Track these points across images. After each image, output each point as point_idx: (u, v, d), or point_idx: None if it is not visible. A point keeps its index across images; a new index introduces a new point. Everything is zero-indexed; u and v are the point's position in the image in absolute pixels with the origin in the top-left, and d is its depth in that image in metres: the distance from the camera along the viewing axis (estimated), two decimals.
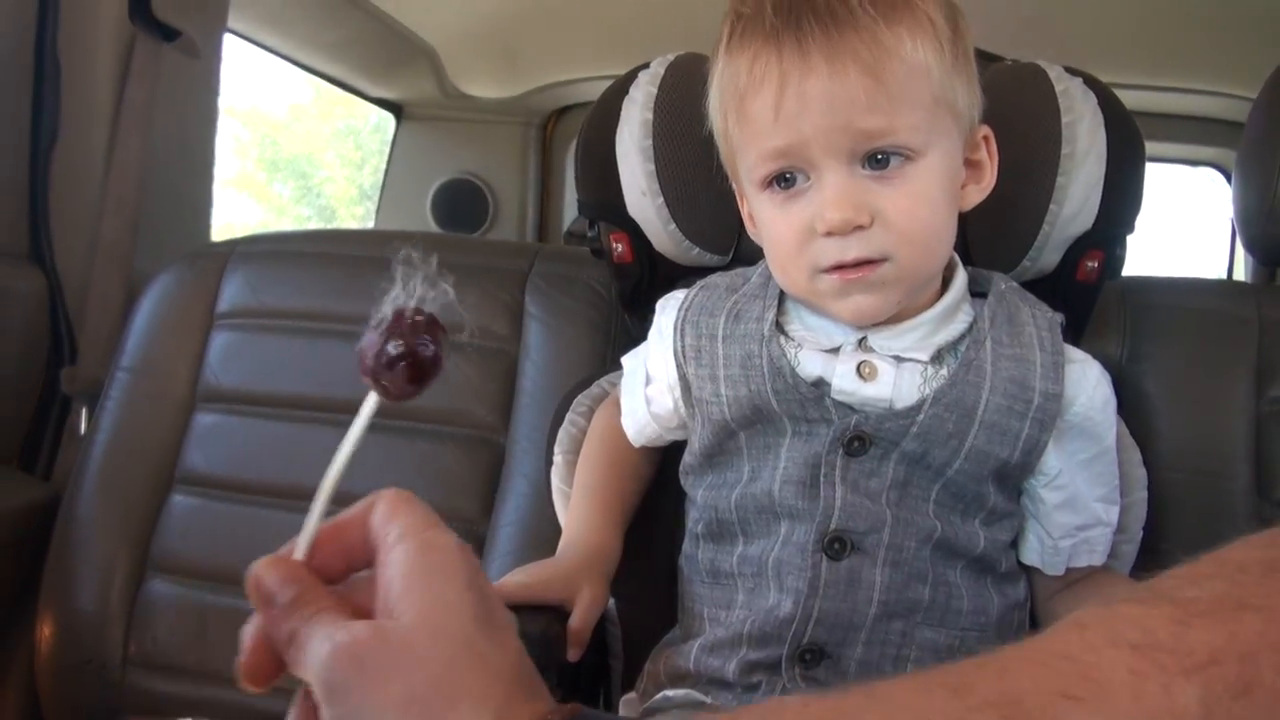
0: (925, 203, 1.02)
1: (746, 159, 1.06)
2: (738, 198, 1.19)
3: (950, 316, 1.11)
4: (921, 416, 1.05)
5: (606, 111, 1.40)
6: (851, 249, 1.00)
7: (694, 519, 1.21)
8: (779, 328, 1.12)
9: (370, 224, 3.22)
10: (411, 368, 0.65)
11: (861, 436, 1.06)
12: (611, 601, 1.27)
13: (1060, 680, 0.52)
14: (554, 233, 3.01)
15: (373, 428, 1.54)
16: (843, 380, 1.07)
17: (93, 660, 1.59)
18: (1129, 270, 1.41)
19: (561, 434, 1.35)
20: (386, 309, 0.64)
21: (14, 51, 1.72)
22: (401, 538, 0.63)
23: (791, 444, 1.09)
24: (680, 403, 1.20)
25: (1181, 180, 2.97)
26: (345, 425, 1.57)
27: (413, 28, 2.54)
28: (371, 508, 0.67)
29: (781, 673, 1.07)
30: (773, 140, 1.01)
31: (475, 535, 1.51)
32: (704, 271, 1.45)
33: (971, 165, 1.11)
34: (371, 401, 0.68)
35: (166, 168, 1.92)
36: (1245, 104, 1.59)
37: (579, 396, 1.38)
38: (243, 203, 5.54)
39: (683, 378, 1.17)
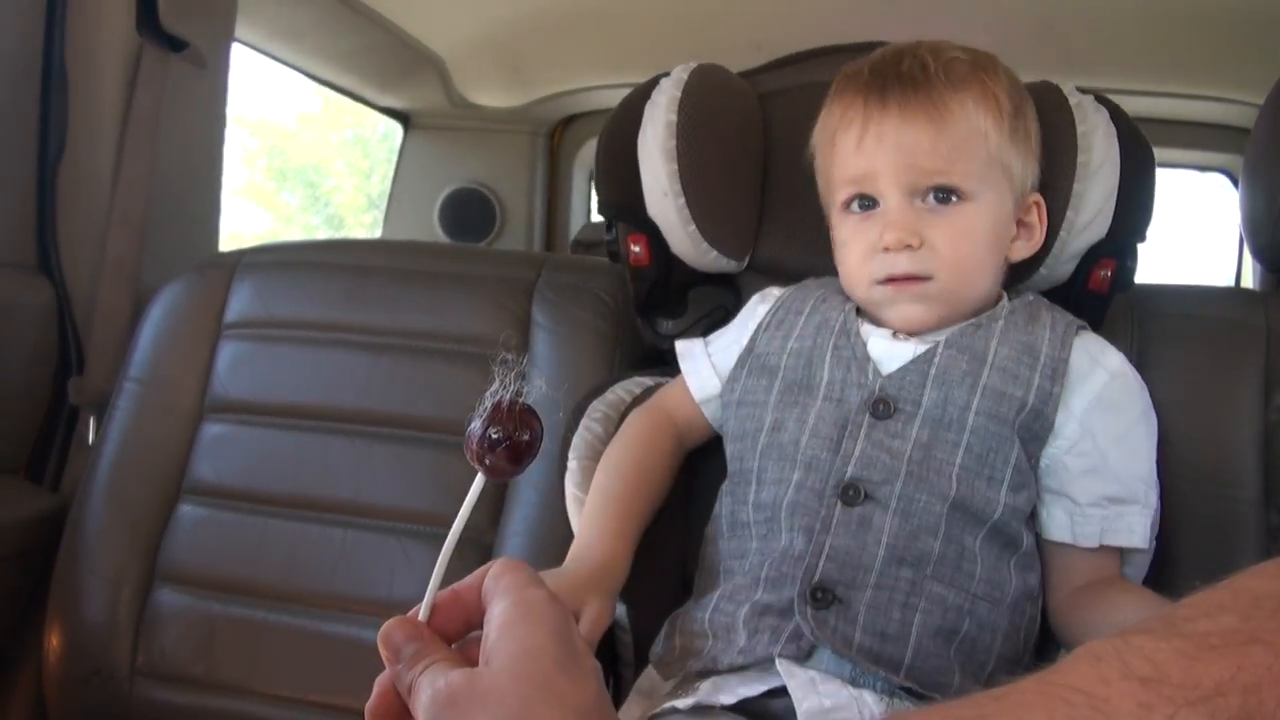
0: (968, 237, 1.20)
1: (831, 186, 1.28)
2: (829, 226, 1.32)
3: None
4: (938, 358, 1.19)
5: (628, 115, 1.43)
6: (901, 264, 1.20)
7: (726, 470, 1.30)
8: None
9: (378, 233, 3.22)
10: (510, 450, 0.76)
11: (886, 400, 1.18)
12: (622, 609, 1.29)
13: (1073, 713, 0.54)
14: (561, 241, 3.02)
15: (384, 438, 1.57)
16: (878, 339, 1.23)
17: (100, 671, 1.59)
18: (1139, 273, 1.41)
19: (577, 440, 1.36)
20: (488, 401, 0.76)
21: (22, 63, 1.73)
22: (503, 594, 0.73)
23: (822, 407, 1.21)
24: (735, 360, 1.32)
25: (1190, 186, 2.97)
26: (353, 435, 1.59)
27: (420, 38, 2.54)
28: (486, 573, 0.78)
29: (794, 614, 1.10)
30: (852, 169, 1.23)
31: (483, 545, 1.52)
32: (715, 280, 1.46)
33: (1023, 225, 1.29)
34: (478, 482, 0.78)
35: (174, 178, 1.92)
36: (1253, 110, 1.59)
37: (594, 403, 1.39)
38: (251, 211, 5.56)
39: (752, 341, 1.31)
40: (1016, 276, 1.34)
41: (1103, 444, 1.19)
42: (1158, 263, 3.04)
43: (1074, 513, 1.19)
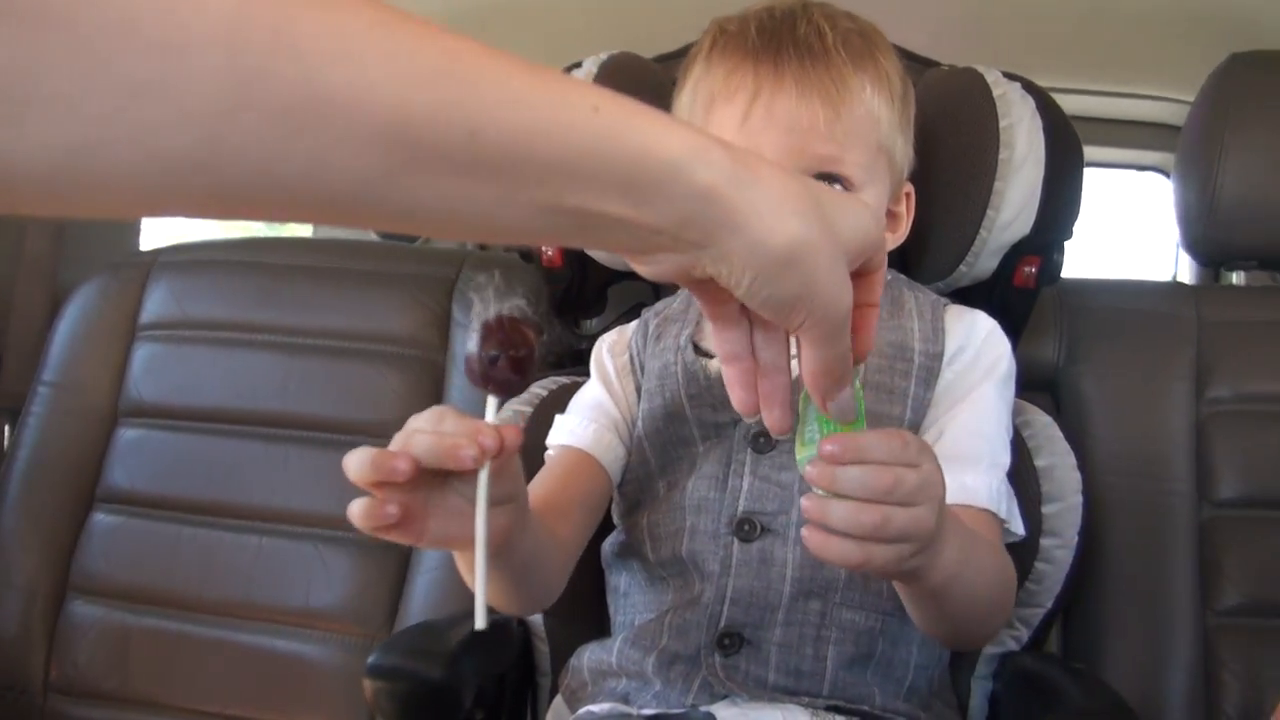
0: None
1: None
2: None
3: None
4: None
5: None
6: None
7: (617, 543, 1.21)
8: (695, 344, 1.18)
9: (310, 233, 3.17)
10: (511, 362, 0.71)
11: (766, 433, 1.10)
12: (539, 617, 1.26)
13: None
14: None
15: (301, 441, 1.54)
16: None
17: (13, 687, 1.55)
18: (1075, 273, 1.40)
19: None
20: (475, 324, 0.72)
21: None
22: None
23: (705, 450, 1.14)
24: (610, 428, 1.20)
25: (1127, 185, 2.98)
26: (269, 439, 1.55)
27: None
28: None
29: (701, 663, 1.07)
30: None
31: (401, 550, 1.49)
32: (634, 276, 1.43)
33: (891, 216, 1.19)
34: (492, 403, 0.75)
35: None
36: (1186, 108, 1.59)
37: (508, 402, 1.35)
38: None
39: (615, 407, 1.21)
40: (938, 274, 1.32)
41: (944, 406, 1.13)
42: (1096, 260, 3.07)
43: None
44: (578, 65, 1.38)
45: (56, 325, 1.70)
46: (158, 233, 2.13)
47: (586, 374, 1.37)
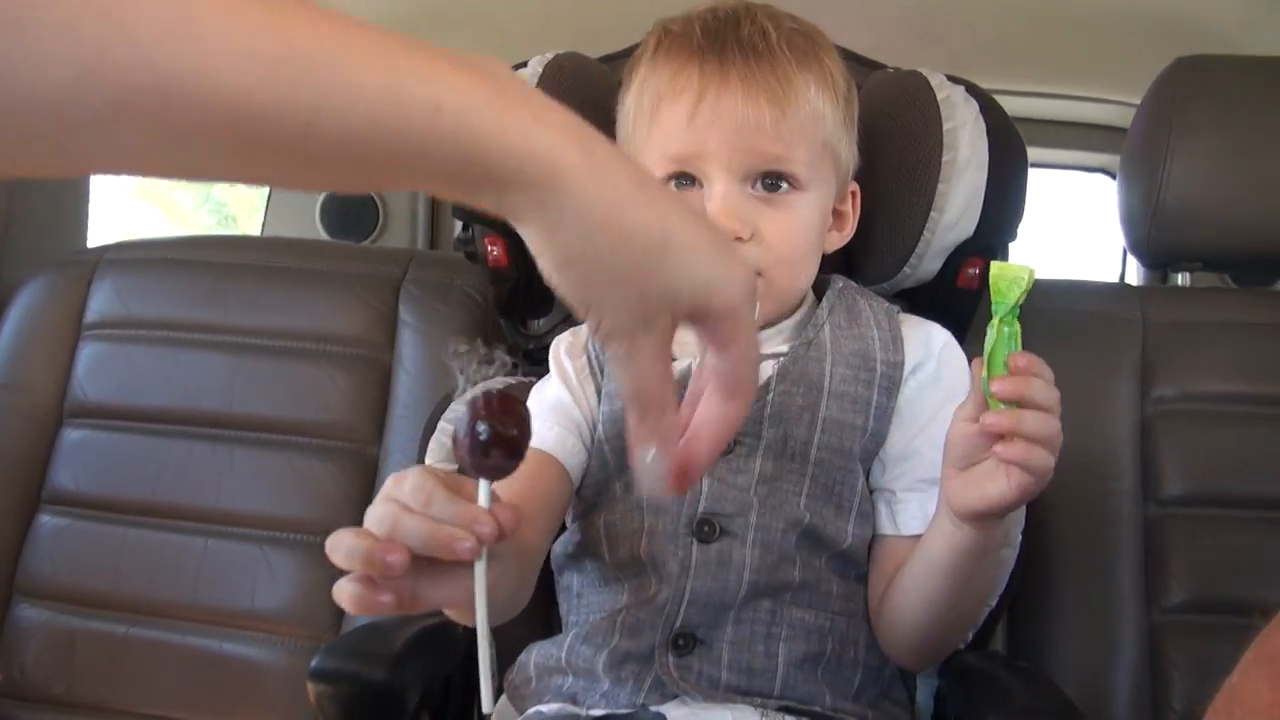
0: (800, 230, 1.13)
1: (647, 159, 1.13)
2: None
3: (805, 323, 1.19)
4: (771, 395, 1.11)
5: None
6: None
7: (571, 543, 1.20)
8: None
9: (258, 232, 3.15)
10: (506, 446, 0.70)
11: None
12: None
13: None
14: (445, 240, 2.95)
15: (246, 442, 1.54)
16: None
17: None
18: None
19: (433, 443, 1.30)
20: (460, 407, 0.71)
21: None
22: None
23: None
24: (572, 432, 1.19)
25: (1075, 186, 3.00)
26: (215, 440, 1.54)
27: None
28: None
29: (654, 662, 1.07)
30: (678, 146, 1.11)
31: None
32: None
33: (837, 215, 1.22)
34: (484, 486, 0.72)
35: None
36: (1131, 110, 1.61)
37: (453, 403, 1.34)
38: (144, 211, 5.47)
39: (577, 407, 1.19)
40: (882, 275, 1.33)
41: (914, 429, 1.14)
42: (1045, 261, 3.09)
43: (892, 502, 1.13)
44: (523, 65, 1.37)
45: (0, 324, 1.68)
46: (104, 230, 2.10)
47: (535, 374, 1.37)
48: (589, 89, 1.38)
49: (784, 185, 1.11)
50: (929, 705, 1.25)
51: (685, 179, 1.12)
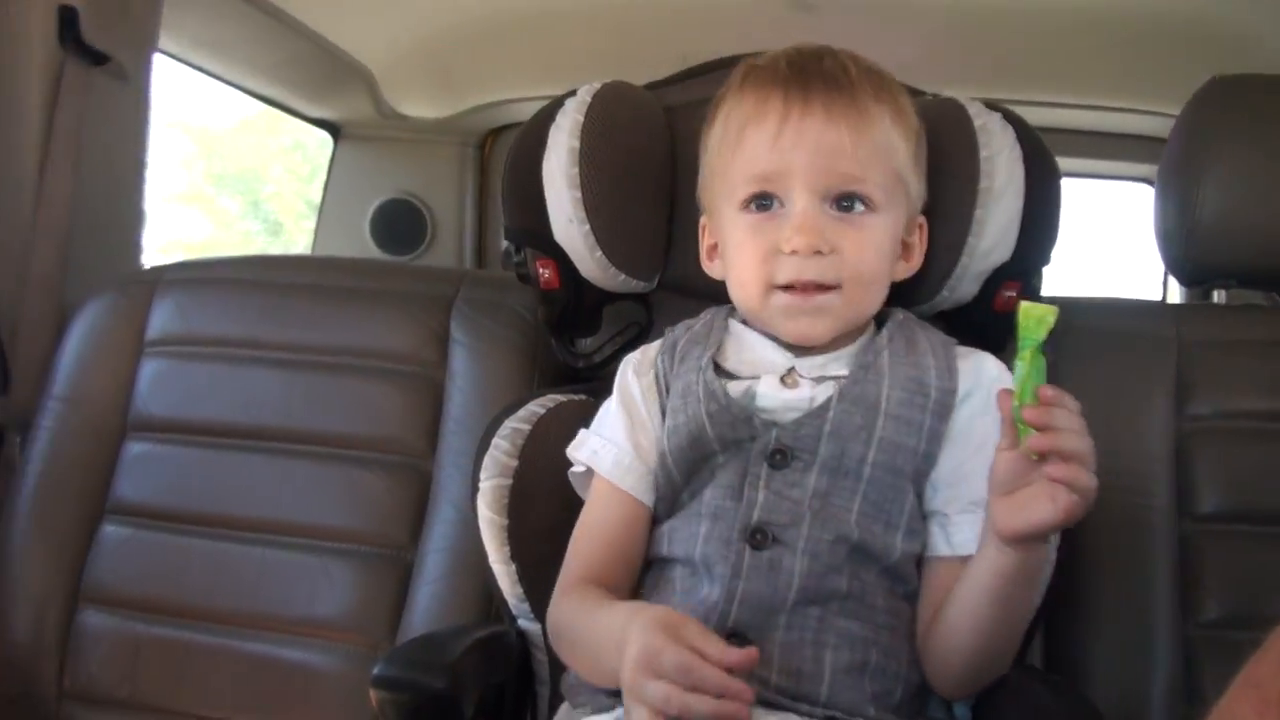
0: (874, 248, 1.19)
1: (731, 181, 1.22)
2: (700, 231, 1.33)
3: (865, 349, 1.24)
4: (831, 413, 1.16)
5: (533, 139, 1.43)
6: (809, 270, 1.17)
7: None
8: (716, 364, 1.24)
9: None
10: None
11: (783, 450, 1.16)
12: (538, 628, 1.30)
13: None
14: (492, 252, 3.00)
15: (302, 455, 1.58)
16: (767, 387, 1.20)
17: (28, 694, 1.58)
18: (1067, 286, 1.43)
19: (487, 460, 1.35)
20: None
21: None
22: None
23: (725, 462, 1.19)
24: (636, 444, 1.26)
25: (1120, 196, 3.01)
26: (274, 453, 1.59)
27: (347, 49, 2.53)
28: None
29: None
30: (763, 165, 1.18)
31: (403, 562, 1.53)
32: (629, 296, 1.47)
33: (905, 246, 1.27)
34: None
35: (97, 192, 1.90)
36: (1172, 121, 1.62)
37: (506, 422, 1.38)
38: (191, 217, 5.52)
39: (645, 420, 1.27)
40: (920, 298, 1.36)
41: (967, 452, 1.17)
42: (1092, 271, 3.10)
43: (945, 524, 1.17)
44: (572, 94, 1.42)
45: (64, 342, 1.73)
46: (153, 236, 2.16)
47: (584, 393, 1.41)
48: (635, 117, 1.44)
49: (859, 206, 1.18)
50: (966, 718, 1.27)
51: (766, 199, 1.19)
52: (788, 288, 1.18)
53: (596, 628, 1.14)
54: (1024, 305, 1.01)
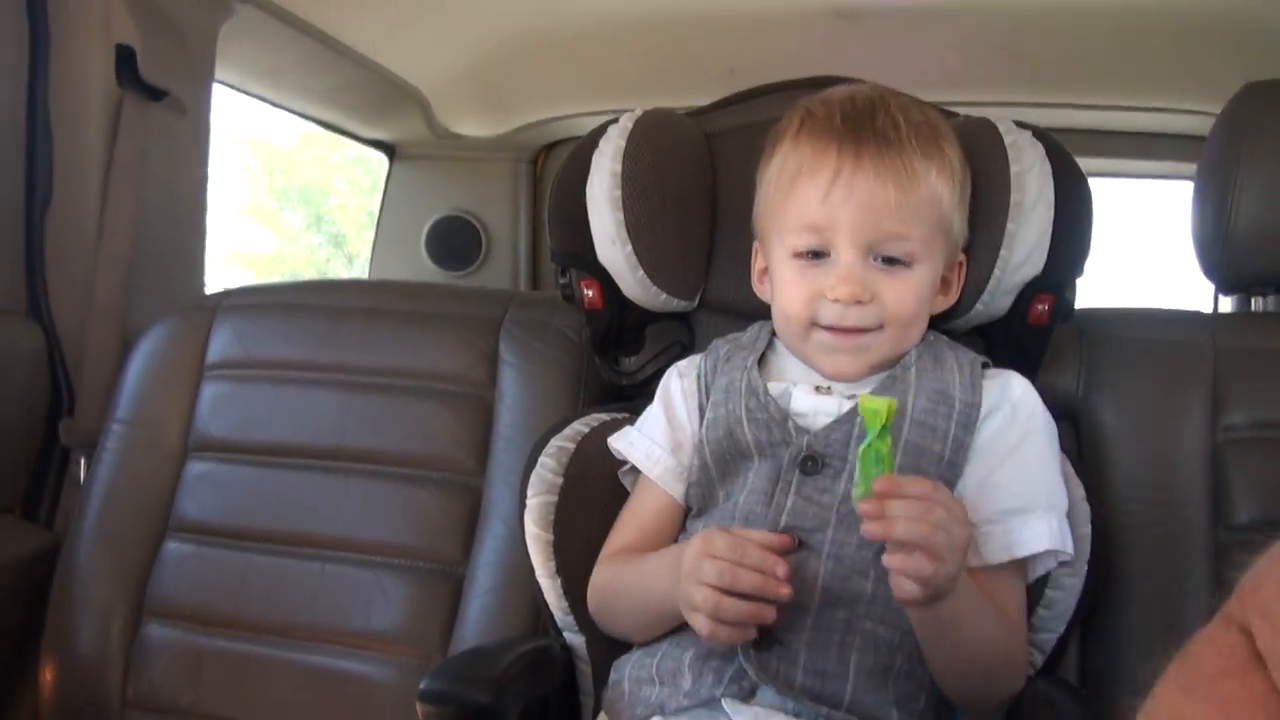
0: (913, 295, 1.25)
1: (782, 221, 1.29)
2: (753, 254, 1.39)
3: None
4: (859, 418, 1.18)
5: (577, 164, 1.47)
6: (850, 317, 1.24)
7: None
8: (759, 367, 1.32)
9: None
10: None
11: (814, 456, 1.22)
12: (580, 639, 1.34)
13: None
14: (546, 266, 3.03)
15: (358, 474, 1.63)
16: (802, 392, 1.28)
17: (93, 703, 1.64)
18: (1115, 288, 1.43)
19: (534, 477, 1.40)
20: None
21: (7, 114, 1.78)
22: None
23: (759, 466, 1.25)
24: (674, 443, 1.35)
25: (1172, 195, 2.99)
26: (330, 471, 1.63)
27: (400, 73, 2.58)
28: None
29: (737, 657, 1.16)
30: (813, 217, 1.24)
31: (455, 576, 1.57)
32: (672, 316, 1.50)
33: (944, 281, 1.33)
34: None
35: (158, 221, 1.97)
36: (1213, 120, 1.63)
37: (552, 440, 1.43)
38: (255, 231, 5.61)
39: (685, 421, 1.35)
40: (955, 313, 1.39)
41: (993, 464, 1.22)
42: (1136, 272, 3.08)
43: (975, 534, 1.18)
44: (614, 121, 1.46)
45: (128, 366, 1.79)
46: (216, 248, 2.22)
47: (628, 411, 1.45)
48: (677, 142, 1.48)
49: (899, 263, 1.24)
50: None
51: (817, 254, 1.25)
52: (829, 328, 1.25)
53: (644, 567, 1.26)
54: (862, 397, 1.06)
